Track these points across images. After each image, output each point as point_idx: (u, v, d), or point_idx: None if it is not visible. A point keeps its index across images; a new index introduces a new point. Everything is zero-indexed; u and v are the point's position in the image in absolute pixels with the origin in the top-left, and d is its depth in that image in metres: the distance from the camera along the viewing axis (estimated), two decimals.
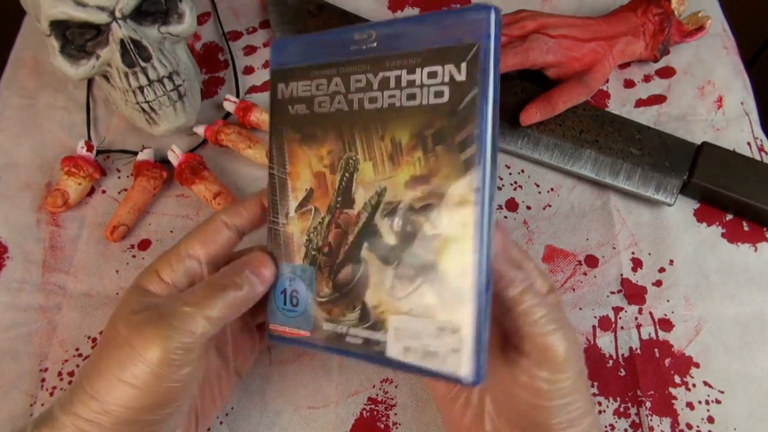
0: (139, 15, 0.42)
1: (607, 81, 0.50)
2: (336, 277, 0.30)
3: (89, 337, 0.41)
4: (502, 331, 0.32)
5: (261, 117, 0.47)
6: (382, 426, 0.38)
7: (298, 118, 0.31)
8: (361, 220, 0.29)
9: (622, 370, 0.40)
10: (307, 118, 0.31)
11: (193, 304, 0.28)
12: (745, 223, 0.44)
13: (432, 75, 0.27)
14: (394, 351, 0.28)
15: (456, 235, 0.26)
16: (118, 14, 0.40)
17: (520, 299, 0.28)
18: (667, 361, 0.40)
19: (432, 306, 0.27)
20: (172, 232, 0.45)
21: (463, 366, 0.26)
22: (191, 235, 0.32)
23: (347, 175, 0.30)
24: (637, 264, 0.43)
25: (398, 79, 0.28)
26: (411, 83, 0.27)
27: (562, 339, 0.28)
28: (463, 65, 0.26)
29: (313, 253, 0.31)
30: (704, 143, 0.45)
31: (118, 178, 0.47)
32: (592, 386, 0.39)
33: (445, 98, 0.26)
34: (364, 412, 0.38)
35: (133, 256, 0.44)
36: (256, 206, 0.33)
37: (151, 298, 0.30)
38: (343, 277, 0.30)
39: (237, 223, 0.32)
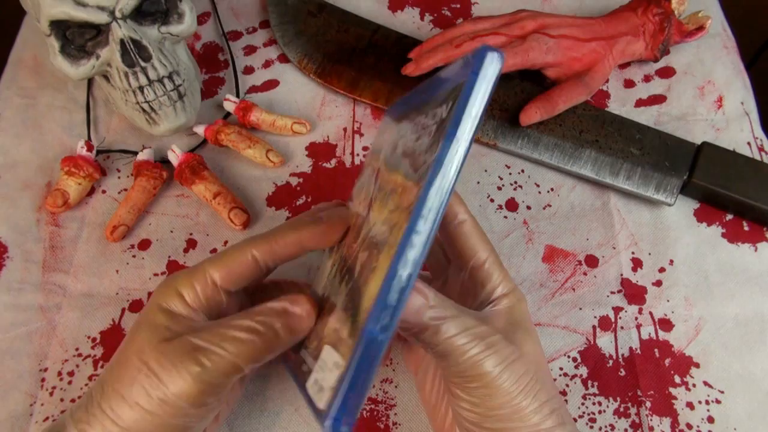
0: (139, 15, 0.42)
1: (607, 81, 0.50)
2: (323, 307, 0.30)
3: (89, 337, 0.41)
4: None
5: (261, 117, 0.47)
6: (382, 426, 0.38)
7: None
8: (353, 254, 0.29)
9: (622, 370, 0.40)
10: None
11: (228, 348, 0.27)
12: (745, 223, 0.44)
13: (434, 116, 0.26)
14: (309, 382, 0.27)
15: (378, 268, 0.24)
16: (118, 14, 0.40)
17: (437, 341, 0.27)
18: (667, 361, 0.40)
19: (344, 339, 0.25)
20: (172, 232, 0.45)
21: (327, 405, 0.23)
22: (217, 262, 0.30)
23: (365, 213, 0.30)
24: (637, 264, 0.43)
25: (418, 123, 0.27)
26: (424, 126, 0.27)
27: (491, 358, 0.27)
28: (450, 102, 0.24)
29: (328, 283, 0.31)
30: (704, 143, 0.45)
31: (118, 178, 0.47)
32: (593, 386, 0.39)
33: (431, 137, 0.25)
34: (364, 412, 0.38)
35: (133, 256, 0.44)
36: (293, 247, 0.30)
37: (180, 322, 0.29)
38: (327, 307, 0.29)
39: (267, 260, 0.30)
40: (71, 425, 0.28)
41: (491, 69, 0.23)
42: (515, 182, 0.47)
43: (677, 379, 0.39)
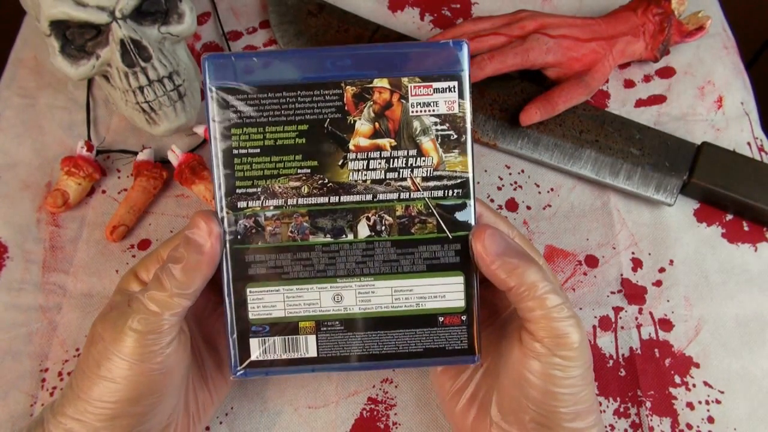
0: (139, 15, 0.42)
1: (607, 81, 0.50)
2: None
3: None
4: (503, 325, 0.33)
5: None
6: (382, 426, 0.38)
7: None
8: None
9: (622, 370, 0.40)
10: None
11: (149, 289, 0.28)
12: (745, 223, 0.44)
13: None
14: None
15: None
16: (118, 14, 0.40)
17: (537, 286, 0.28)
18: (667, 361, 0.40)
19: None
20: (172, 232, 0.45)
21: None
22: (169, 240, 0.32)
23: None
24: (637, 264, 0.43)
25: None
26: None
27: (577, 327, 0.28)
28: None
29: None
30: (704, 143, 0.45)
31: (118, 178, 0.47)
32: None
33: None
34: (364, 412, 0.38)
35: (133, 256, 0.44)
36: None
37: (125, 295, 0.31)
38: None
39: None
40: (48, 412, 0.29)
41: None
42: (515, 182, 0.47)
43: (677, 379, 0.39)
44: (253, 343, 0.31)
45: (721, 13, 0.54)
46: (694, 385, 0.39)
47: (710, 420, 0.38)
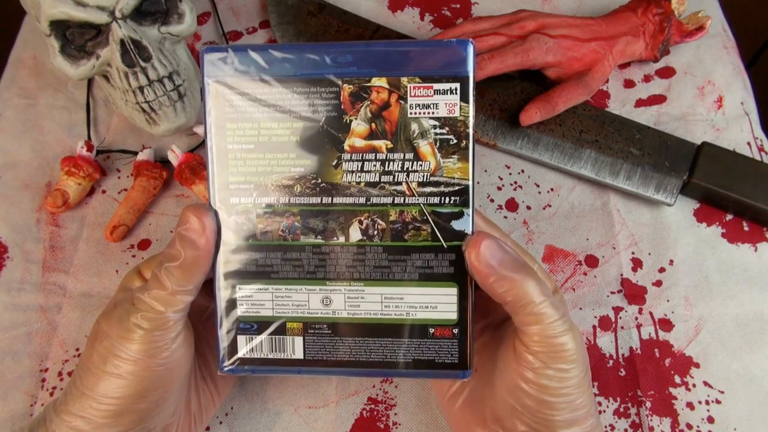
0: (139, 15, 0.42)
1: (607, 81, 0.50)
2: None
3: None
4: (497, 329, 0.33)
5: None
6: (382, 426, 0.38)
7: None
8: None
9: (622, 370, 0.40)
10: None
11: (150, 288, 0.28)
12: (745, 223, 0.44)
13: None
14: None
15: None
16: (118, 14, 0.40)
17: (534, 301, 0.28)
18: (667, 361, 0.40)
19: None
20: (171, 232, 0.45)
21: None
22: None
23: None
24: (637, 264, 0.43)
25: None
26: None
27: (572, 338, 0.28)
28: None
29: None
30: (704, 143, 0.45)
31: (118, 178, 0.47)
32: (593, 386, 0.39)
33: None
34: (364, 412, 0.38)
35: (133, 256, 0.44)
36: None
37: (128, 292, 0.31)
38: None
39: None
40: (51, 410, 0.29)
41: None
42: (515, 182, 0.47)
43: (677, 379, 0.39)
44: (241, 340, 0.30)
45: (721, 13, 0.54)
46: (694, 385, 0.39)
47: (710, 420, 0.38)
